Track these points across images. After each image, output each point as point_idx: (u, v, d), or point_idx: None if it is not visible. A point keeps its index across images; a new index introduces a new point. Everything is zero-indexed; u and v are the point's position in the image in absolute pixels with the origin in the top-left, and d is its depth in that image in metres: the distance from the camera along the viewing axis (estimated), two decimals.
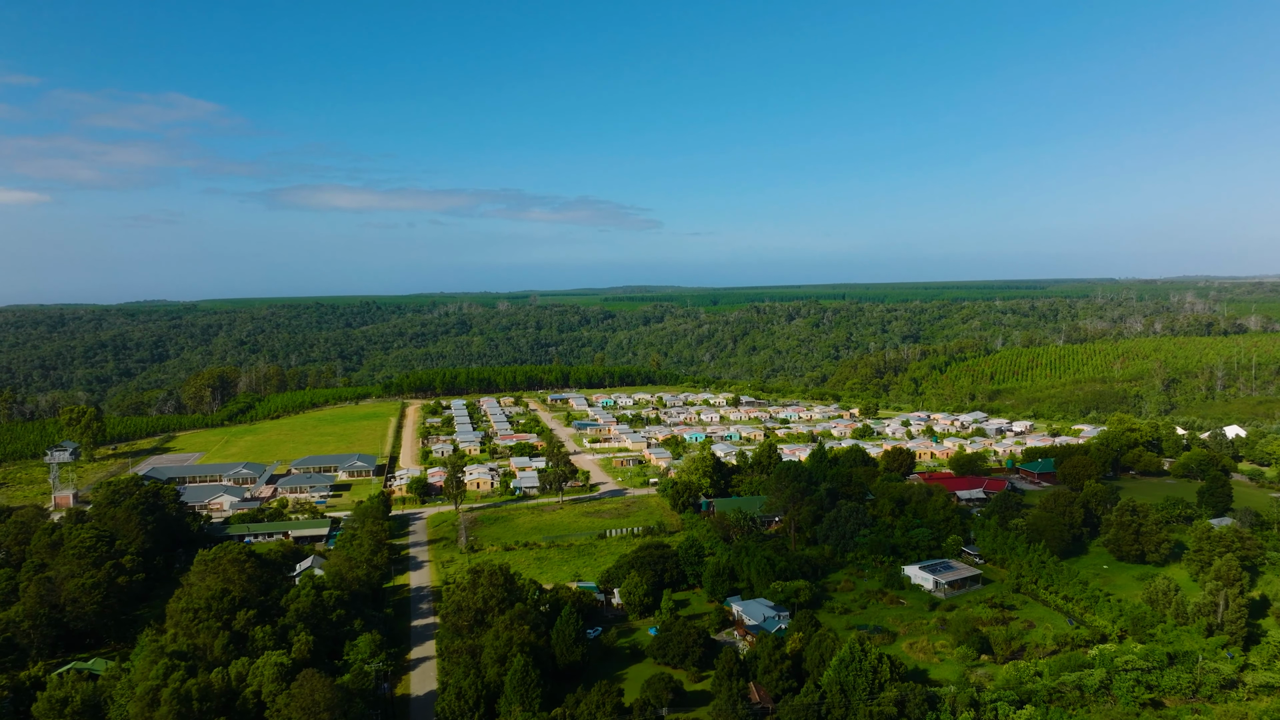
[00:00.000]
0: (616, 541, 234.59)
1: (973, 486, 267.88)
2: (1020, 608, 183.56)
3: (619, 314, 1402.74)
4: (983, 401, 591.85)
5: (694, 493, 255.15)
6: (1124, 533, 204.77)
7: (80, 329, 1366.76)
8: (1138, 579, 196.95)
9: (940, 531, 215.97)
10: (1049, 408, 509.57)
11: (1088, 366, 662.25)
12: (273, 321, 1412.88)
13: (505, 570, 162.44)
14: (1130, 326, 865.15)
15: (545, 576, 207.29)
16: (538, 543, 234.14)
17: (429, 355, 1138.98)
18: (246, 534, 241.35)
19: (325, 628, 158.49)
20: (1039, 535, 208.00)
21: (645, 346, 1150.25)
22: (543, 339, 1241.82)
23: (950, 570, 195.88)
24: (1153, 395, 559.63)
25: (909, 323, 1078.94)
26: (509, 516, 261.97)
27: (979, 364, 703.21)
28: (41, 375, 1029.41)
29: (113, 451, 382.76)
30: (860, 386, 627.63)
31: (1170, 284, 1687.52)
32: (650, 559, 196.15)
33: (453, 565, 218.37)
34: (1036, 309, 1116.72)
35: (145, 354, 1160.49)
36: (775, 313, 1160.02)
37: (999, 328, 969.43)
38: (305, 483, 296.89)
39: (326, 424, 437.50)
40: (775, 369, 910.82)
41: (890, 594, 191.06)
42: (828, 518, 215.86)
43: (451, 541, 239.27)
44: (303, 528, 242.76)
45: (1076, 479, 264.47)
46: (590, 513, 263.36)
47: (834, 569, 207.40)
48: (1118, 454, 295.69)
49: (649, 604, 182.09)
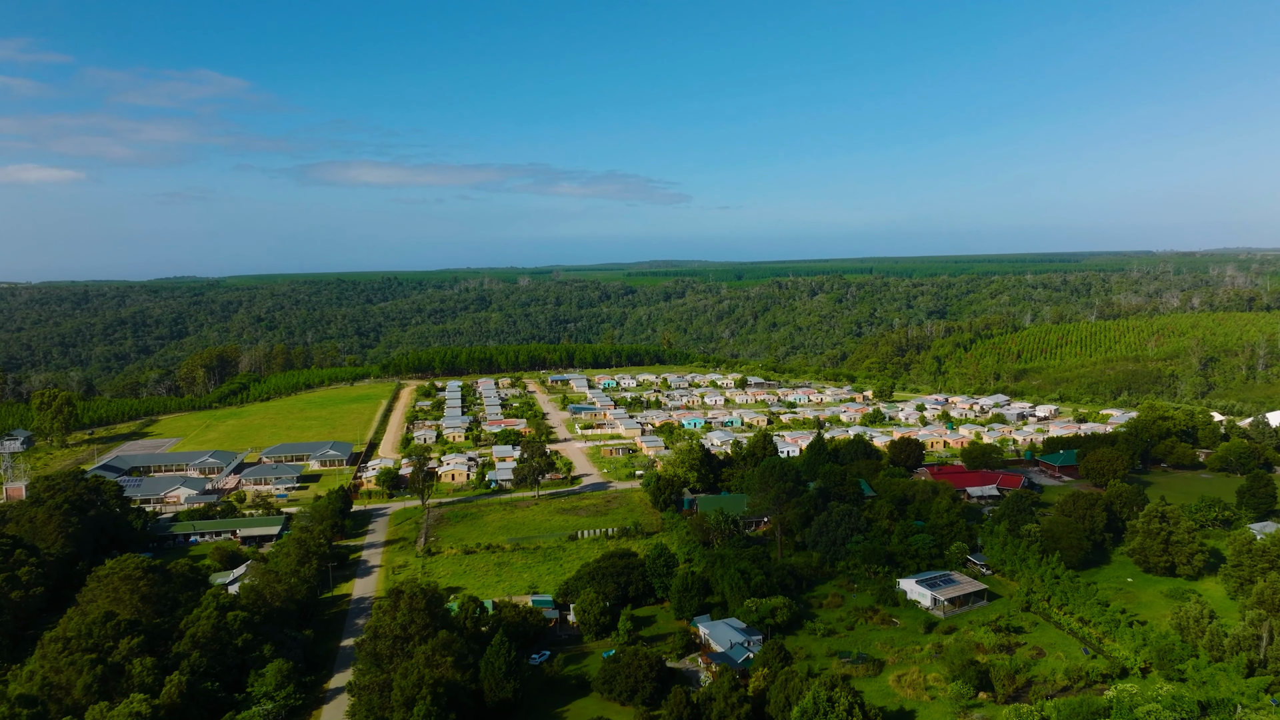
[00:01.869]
0: (588, 544, 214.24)
1: (985, 482, 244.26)
2: (1029, 630, 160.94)
3: (640, 289, 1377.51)
4: (1008, 382, 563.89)
5: (677, 489, 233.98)
6: (1151, 542, 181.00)
7: (104, 306, 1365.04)
8: (1166, 595, 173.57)
9: (943, 537, 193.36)
10: (1077, 389, 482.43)
11: (1120, 344, 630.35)
12: (292, 298, 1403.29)
13: (430, 591, 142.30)
14: (1166, 301, 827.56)
15: (500, 587, 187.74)
16: (502, 545, 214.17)
17: (446, 332, 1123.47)
18: (192, 533, 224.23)
19: (229, 655, 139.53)
20: (1054, 543, 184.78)
21: (665, 323, 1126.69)
22: (561, 315, 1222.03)
23: (951, 585, 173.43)
24: (1189, 375, 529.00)
25: (935, 298, 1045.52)
26: (478, 513, 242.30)
27: (1005, 341, 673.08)
28: (61, 353, 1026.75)
29: (89, 436, 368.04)
30: (879, 366, 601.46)
31: (1210, 256, 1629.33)
32: (613, 570, 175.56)
33: (404, 572, 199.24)
34: (1068, 283, 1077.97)
35: (164, 331, 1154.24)
36: (798, 288, 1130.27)
37: (1028, 303, 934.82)
38: (271, 474, 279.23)
39: (315, 407, 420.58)
40: (795, 346, 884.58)
41: (882, 611, 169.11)
42: (816, 521, 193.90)
43: (411, 542, 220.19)
44: (252, 526, 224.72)
45: (1101, 474, 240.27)
46: (566, 509, 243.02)
47: (822, 579, 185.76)
48: (1148, 445, 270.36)
49: (606, 623, 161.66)
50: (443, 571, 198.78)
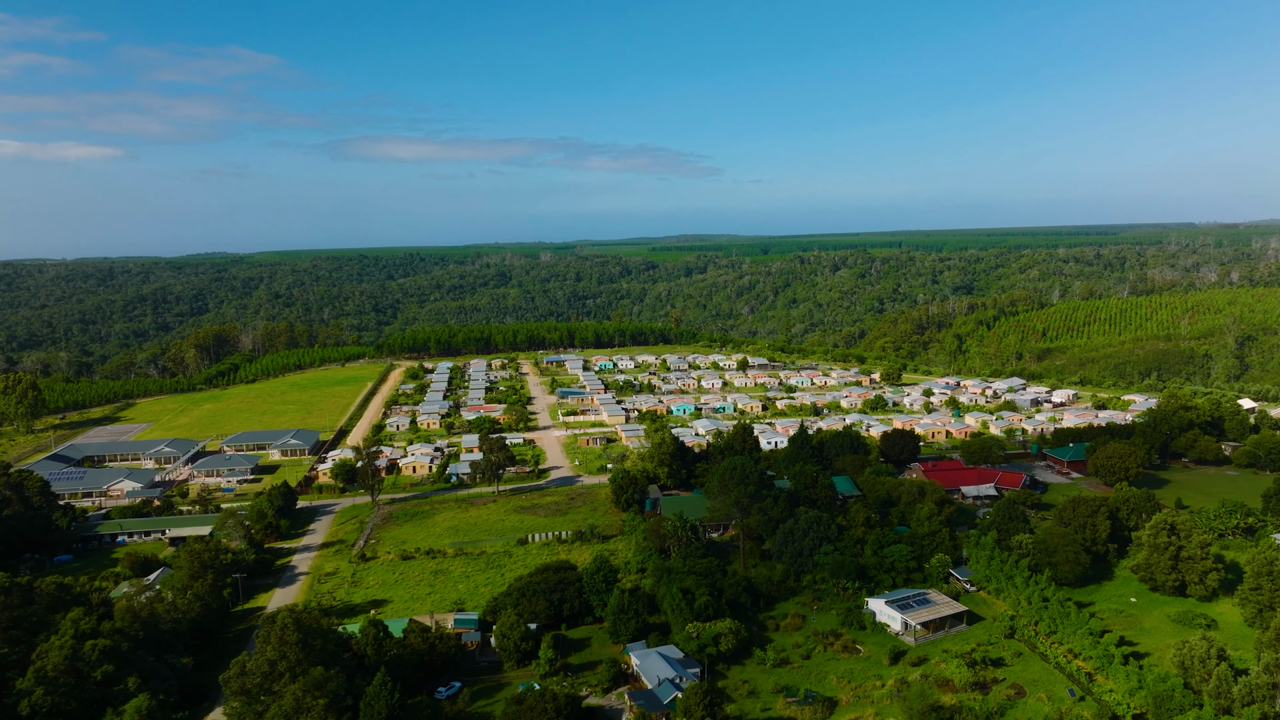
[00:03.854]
0: (538, 549, 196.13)
1: (983, 480, 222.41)
2: (1010, 663, 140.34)
3: (662, 265, 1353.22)
4: (1030, 362, 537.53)
5: (641, 486, 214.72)
6: (1158, 557, 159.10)
7: (128, 282, 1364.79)
8: (1174, 620, 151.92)
9: (924, 548, 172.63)
10: (1100, 371, 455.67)
11: (1151, 322, 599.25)
12: (313, 274, 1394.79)
13: (305, 620, 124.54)
14: (1203, 276, 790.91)
15: (430, 600, 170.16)
16: (444, 550, 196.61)
17: (463, 309, 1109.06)
18: (119, 533, 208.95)
19: (86, 690, 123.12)
20: (1048, 557, 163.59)
21: (684, 299, 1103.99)
22: (581, 291, 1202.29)
23: (926, 606, 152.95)
24: (1223, 356, 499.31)
25: (962, 273, 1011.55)
26: (431, 512, 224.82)
27: (1030, 319, 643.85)
28: (81, 330, 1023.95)
29: (60, 421, 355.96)
30: (895, 345, 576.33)
31: (1254, 228, 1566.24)
32: (545, 585, 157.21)
33: (330, 581, 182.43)
34: (1102, 257, 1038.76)
35: (185, 308, 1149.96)
36: (820, 263, 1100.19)
37: (1058, 278, 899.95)
38: (224, 464, 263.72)
39: (299, 390, 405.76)
40: (814, 323, 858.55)
41: (846, 637, 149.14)
42: (782, 529, 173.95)
43: (350, 545, 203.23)
44: (183, 525, 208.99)
45: (1111, 472, 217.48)
46: (525, 508, 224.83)
47: (786, 595, 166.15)
48: (1167, 437, 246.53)
49: (529, 649, 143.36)
50: (373, 581, 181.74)
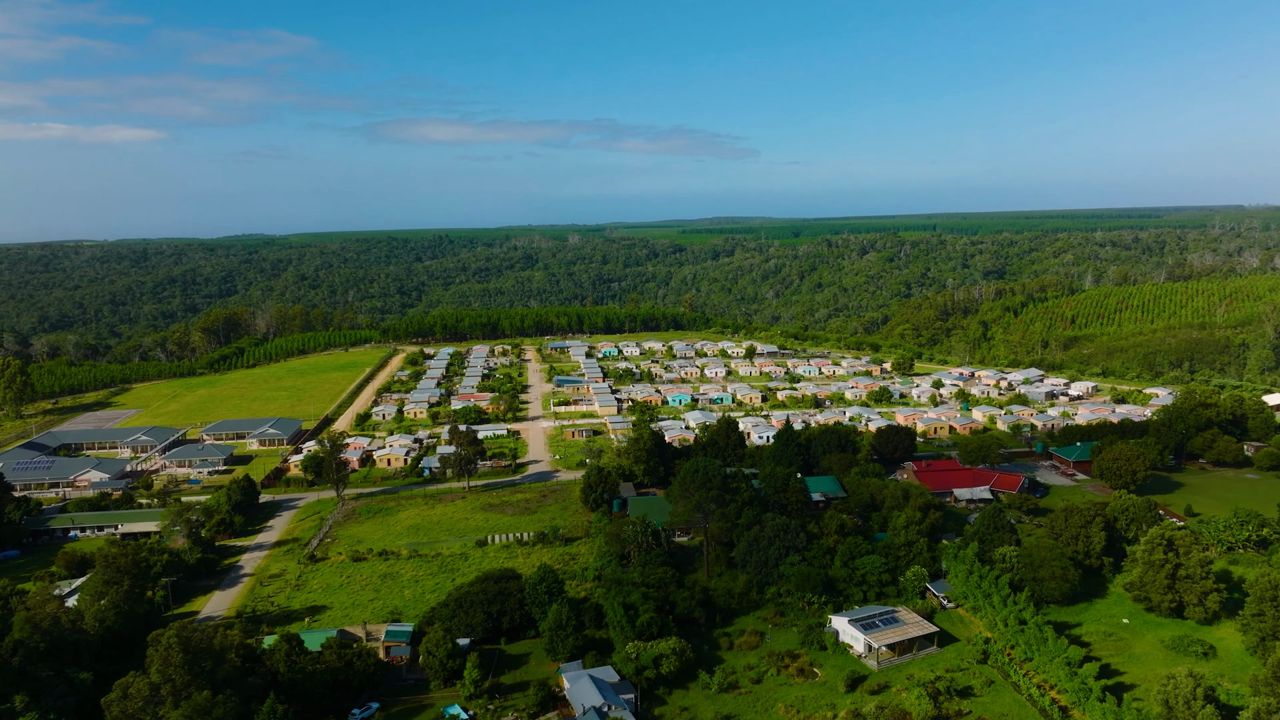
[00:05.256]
0: (497, 551, 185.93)
1: (979, 482, 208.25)
2: (980, 693, 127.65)
3: (689, 248, 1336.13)
4: (1056, 350, 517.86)
5: (611, 485, 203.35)
6: (1154, 575, 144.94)
7: (161, 264, 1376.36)
8: (1167, 646, 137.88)
9: (901, 559, 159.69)
10: (1124, 361, 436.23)
11: (1186, 309, 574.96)
12: (341, 256, 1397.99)
13: (194, 639, 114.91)
14: (1246, 261, 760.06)
15: (373, 606, 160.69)
16: (399, 550, 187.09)
17: (488, 291, 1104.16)
18: (71, 527, 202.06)
19: None
20: (1033, 572, 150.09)
21: (709, 282, 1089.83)
22: (606, 274, 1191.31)
23: (894, 626, 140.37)
24: (1260, 346, 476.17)
25: (994, 257, 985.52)
26: (396, 508, 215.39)
27: (1060, 305, 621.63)
28: (111, 311, 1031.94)
29: (52, 406, 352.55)
30: (913, 332, 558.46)
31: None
32: (484, 596, 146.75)
33: (273, 584, 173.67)
34: (1140, 241, 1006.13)
35: (214, 289, 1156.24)
36: (848, 246, 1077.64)
37: (1092, 263, 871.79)
38: (197, 455, 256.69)
39: (295, 376, 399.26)
40: (838, 308, 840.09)
41: (803, 659, 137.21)
42: (746, 538, 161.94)
43: (304, 543, 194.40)
44: (136, 520, 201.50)
45: (1117, 475, 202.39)
46: (494, 505, 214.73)
47: (748, 609, 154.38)
48: (1183, 437, 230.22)
49: (456, 667, 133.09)
50: (318, 584, 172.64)
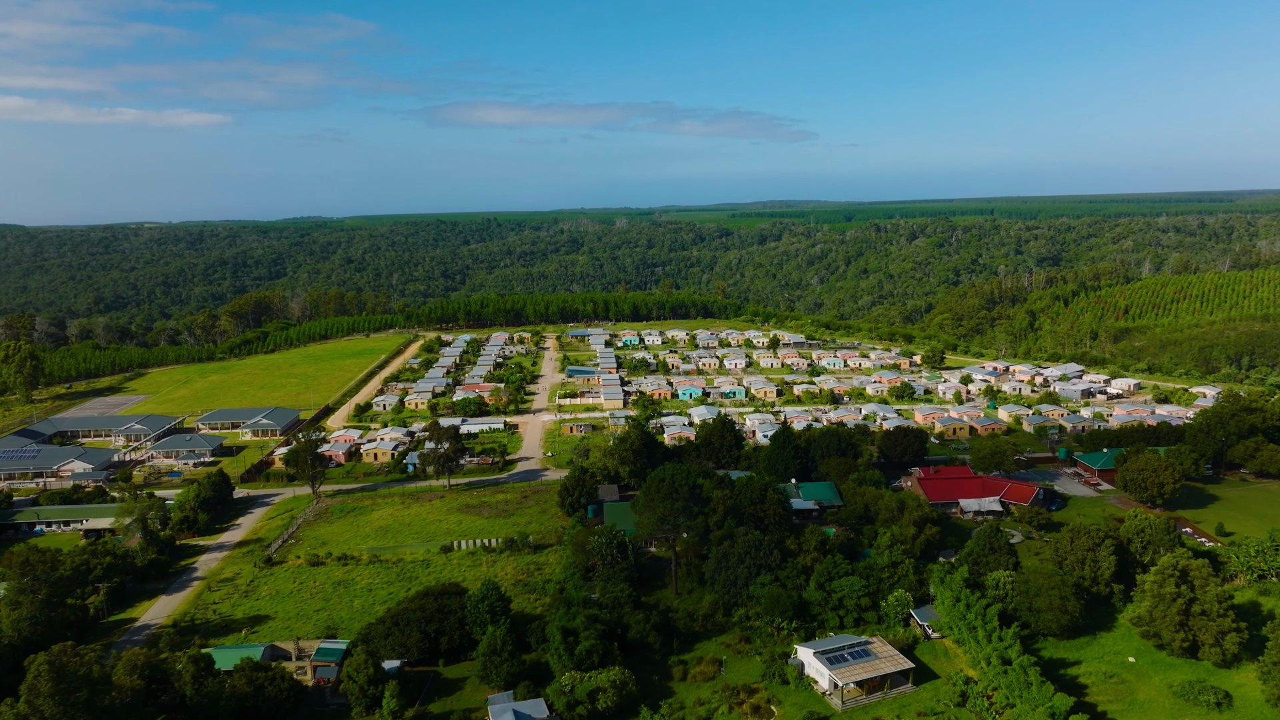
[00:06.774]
0: (462, 558, 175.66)
1: (988, 492, 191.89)
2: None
3: (736, 232, 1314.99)
4: (1105, 343, 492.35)
5: (588, 488, 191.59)
6: (1164, 609, 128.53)
7: (215, 246, 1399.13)
8: (1175, 693, 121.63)
9: (884, 581, 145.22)
10: (1174, 356, 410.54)
11: (1249, 300, 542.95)
12: (389, 239, 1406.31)
13: (70, 665, 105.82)
14: None
15: (317, 618, 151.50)
16: (359, 555, 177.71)
17: (530, 275, 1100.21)
18: (36, 522, 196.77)
19: None
20: (1028, 602, 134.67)
21: (754, 267, 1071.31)
22: (650, 259, 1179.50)
23: (864, 660, 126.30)
24: None
25: (1050, 242, 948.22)
26: (370, 507, 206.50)
27: (1113, 294, 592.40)
28: (163, 293, 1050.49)
29: (66, 390, 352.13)
30: (954, 322, 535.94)
31: None
32: (421, 614, 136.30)
33: (223, 589, 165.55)
34: (1206, 226, 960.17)
35: (264, 271, 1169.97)
36: (897, 231, 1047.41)
37: (1152, 249, 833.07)
38: (185, 445, 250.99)
39: (309, 362, 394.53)
40: (882, 295, 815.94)
41: (763, 693, 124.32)
42: (715, 554, 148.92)
43: (267, 544, 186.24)
44: (100, 516, 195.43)
45: (1143, 486, 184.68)
46: (471, 506, 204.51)
47: (712, 633, 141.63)
48: (1222, 444, 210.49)
49: (377, 695, 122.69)
50: (268, 590, 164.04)
